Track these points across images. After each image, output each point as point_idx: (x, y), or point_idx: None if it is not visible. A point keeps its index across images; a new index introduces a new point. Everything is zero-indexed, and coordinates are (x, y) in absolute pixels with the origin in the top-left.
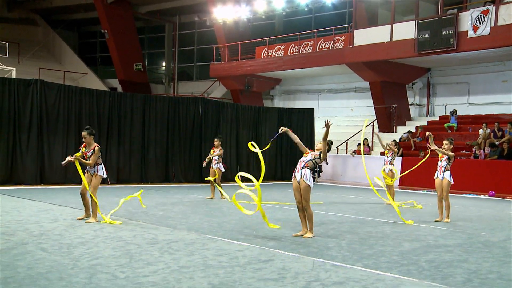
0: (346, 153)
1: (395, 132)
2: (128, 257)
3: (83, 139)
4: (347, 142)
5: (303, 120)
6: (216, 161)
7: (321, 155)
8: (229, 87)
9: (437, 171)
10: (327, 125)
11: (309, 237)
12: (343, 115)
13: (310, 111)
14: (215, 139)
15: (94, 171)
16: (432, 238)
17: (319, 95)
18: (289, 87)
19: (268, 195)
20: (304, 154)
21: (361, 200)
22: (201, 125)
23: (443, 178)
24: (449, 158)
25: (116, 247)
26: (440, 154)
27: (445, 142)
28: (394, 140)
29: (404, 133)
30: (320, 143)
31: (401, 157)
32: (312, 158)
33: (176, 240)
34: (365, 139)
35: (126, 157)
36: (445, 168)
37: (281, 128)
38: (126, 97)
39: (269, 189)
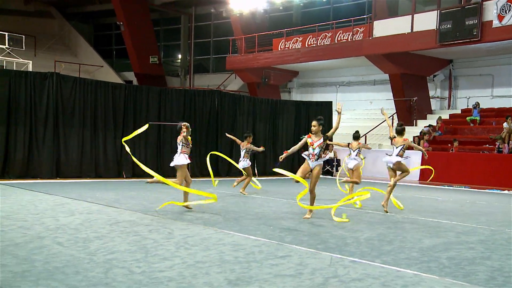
0: None
1: (415, 125)
2: (144, 252)
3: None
4: (366, 136)
5: (321, 113)
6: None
7: (332, 130)
8: (245, 80)
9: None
10: (339, 110)
11: (308, 218)
12: (362, 108)
13: (328, 104)
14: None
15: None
16: (453, 234)
17: (338, 87)
18: (307, 80)
19: (286, 190)
20: (309, 145)
21: (380, 195)
22: (217, 119)
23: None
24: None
25: (132, 241)
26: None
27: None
28: (401, 123)
29: (425, 126)
30: (314, 126)
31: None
32: (321, 148)
33: (192, 235)
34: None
35: (141, 150)
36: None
37: (280, 157)
38: (141, 90)
39: (279, 184)
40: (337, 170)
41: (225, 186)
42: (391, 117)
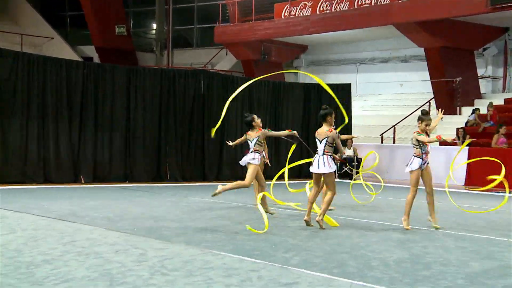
0: (394, 142)
1: (459, 114)
2: (108, 280)
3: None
4: (394, 128)
5: (338, 99)
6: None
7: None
8: (239, 56)
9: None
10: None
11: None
12: (390, 92)
13: (346, 88)
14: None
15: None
16: (511, 255)
17: (358, 66)
18: (318, 57)
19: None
20: (317, 136)
21: (415, 204)
22: (203, 106)
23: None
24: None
25: (92, 266)
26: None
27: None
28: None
29: (471, 113)
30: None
31: (467, 147)
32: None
33: (171, 256)
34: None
35: (105, 148)
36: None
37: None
38: (105, 69)
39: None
40: (357, 173)
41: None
42: (428, 104)
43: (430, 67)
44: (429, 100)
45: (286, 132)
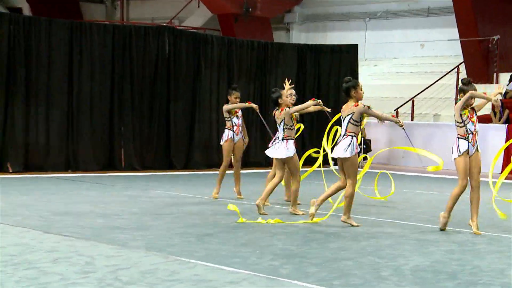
0: (412, 119)
1: (496, 82)
2: None
3: None
4: (413, 101)
5: (340, 64)
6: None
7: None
8: (215, 9)
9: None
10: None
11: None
12: (408, 55)
13: (352, 50)
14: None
15: None
16: None
17: (367, 22)
18: (316, 10)
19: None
20: (342, 113)
21: (438, 198)
22: (168, 74)
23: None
24: None
25: (24, 279)
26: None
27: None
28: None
29: (509, 81)
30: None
31: (505, 125)
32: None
33: (126, 266)
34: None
35: (40, 127)
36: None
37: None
38: (38, 24)
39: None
40: (365, 159)
41: (181, 183)
42: (457, 69)
43: (459, 23)
44: (458, 66)
45: (311, 102)
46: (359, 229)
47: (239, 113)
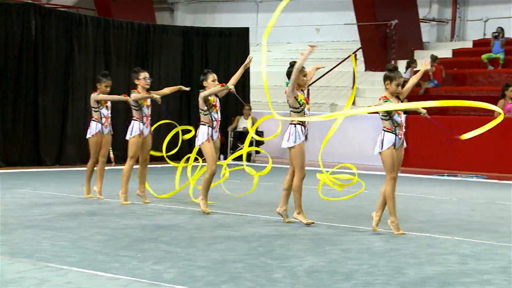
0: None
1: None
2: None
3: None
4: (308, 90)
5: (230, 49)
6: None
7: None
8: None
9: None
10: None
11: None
12: (302, 40)
13: (242, 34)
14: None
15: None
16: (456, 259)
17: (259, 4)
18: None
19: None
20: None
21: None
22: (36, 58)
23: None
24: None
25: None
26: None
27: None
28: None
29: (406, 69)
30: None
31: (405, 115)
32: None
33: None
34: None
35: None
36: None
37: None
38: None
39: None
40: (257, 152)
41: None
42: (354, 56)
43: (356, 7)
44: (355, 52)
45: (218, 88)
46: (249, 229)
47: (109, 104)
